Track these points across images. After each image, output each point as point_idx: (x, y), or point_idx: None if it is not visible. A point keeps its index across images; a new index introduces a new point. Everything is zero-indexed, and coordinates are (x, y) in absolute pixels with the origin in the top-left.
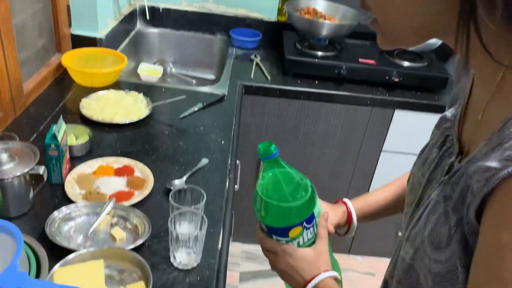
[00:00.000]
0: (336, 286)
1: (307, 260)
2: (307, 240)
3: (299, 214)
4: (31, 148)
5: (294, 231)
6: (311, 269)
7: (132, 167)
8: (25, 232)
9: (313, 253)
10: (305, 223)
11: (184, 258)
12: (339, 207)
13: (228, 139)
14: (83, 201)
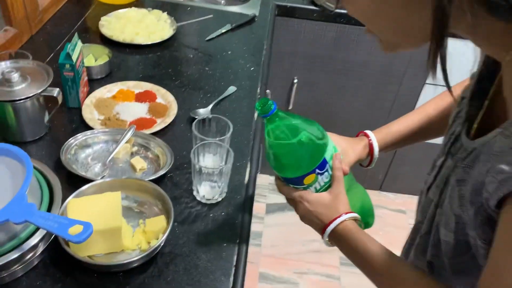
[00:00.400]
0: (356, 227)
1: (324, 203)
2: (324, 184)
3: (309, 163)
4: (44, 68)
5: (308, 179)
6: (329, 212)
7: (154, 93)
8: (41, 158)
9: (329, 197)
10: (317, 170)
11: (207, 192)
12: (360, 141)
13: (257, 65)
14: (101, 127)
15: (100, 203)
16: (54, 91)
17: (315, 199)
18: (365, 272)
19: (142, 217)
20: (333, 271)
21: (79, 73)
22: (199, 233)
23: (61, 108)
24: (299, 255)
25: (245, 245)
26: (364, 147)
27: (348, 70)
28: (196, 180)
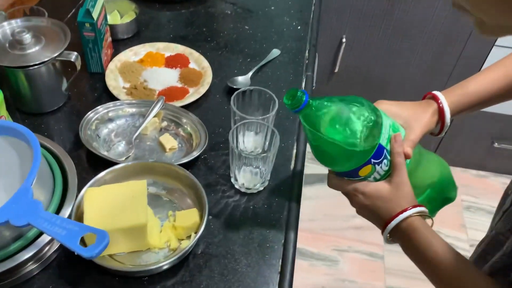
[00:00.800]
0: (424, 224)
1: (383, 196)
2: (384, 173)
3: (361, 153)
4: (60, 27)
5: (363, 170)
6: (389, 206)
7: (187, 57)
8: (59, 133)
9: (388, 188)
10: (373, 160)
11: (248, 180)
12: (426, 106)
13: (305, 24)
14: (127, 97)
15: (123, 193)
16: (72, 55)
17: (372, 191)
18: (430, 278)
19: (172, 207)
20: (376, 249)
21: (101, 33)
22: (237, 230)
23: (82, 73)
24: (339, 231)
25: (292, 247)
26: (433, 114)
27: (404, 29)
28: (235, 165)
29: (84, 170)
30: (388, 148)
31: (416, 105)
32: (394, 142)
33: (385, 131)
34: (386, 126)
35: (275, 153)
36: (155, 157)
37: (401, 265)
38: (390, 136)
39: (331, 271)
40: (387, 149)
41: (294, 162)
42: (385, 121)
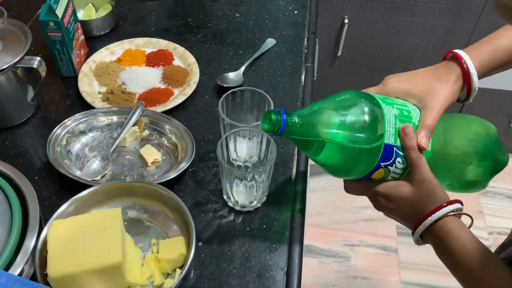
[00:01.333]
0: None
1: (406, 198)
2: (401, 171)
3: (366, 161)
4: (20, 28)
5: (376, 175)
6: (415, 209)
7: (170, 53)
8: (28, 149)
9: (410, 189)
10: (382, 164)
11: (242, 196)
12: (447, 73)
13: (303, 7)
14: (102, 104)
15: (93, 225)
16: (34, 61)
17: (393, 194)
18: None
19: (156, 234)
20: (389, 242)
21: (69, 32)
22: (232, 258)
23: (53, 78)
24: (349, 225)
25: (297, 277)
26: (454, 82)
27: (411, 5)
28: (225, 181)
29: (55, 193)
30: (399, 144)
31: (432, 74)
32: (403, 137)
33: (389, 127)
34: (390, 119)
35: (272, 164)
36: (136, 173)
37: (416, 258)
38: (398, 130)
39: (343, 268)
40: (397, 146)
41: (296, 170)
42: (387, 114)
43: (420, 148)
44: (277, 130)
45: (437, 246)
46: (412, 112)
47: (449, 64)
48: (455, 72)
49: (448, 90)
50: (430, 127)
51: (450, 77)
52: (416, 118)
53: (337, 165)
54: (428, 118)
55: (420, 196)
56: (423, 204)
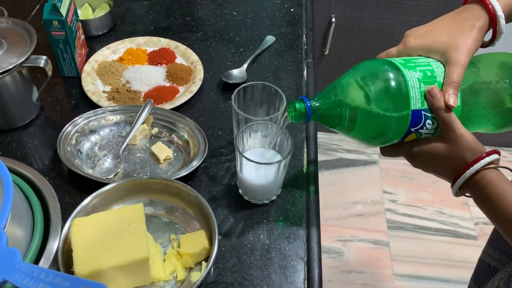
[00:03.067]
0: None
1: (442, 155)
2: (434, 131)
3: (395, 129)
4: (24, 27)
5: (409, 139)
6: (451, 164)
7: (172, 51)
8: (34, 151)
9: (444, 146)
10: (412, 129)
11: (258, 191)
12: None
13: (299, 5)
14: (108, 103)
15: (116, 222)
16: (41, 60)
17: (428, 152)
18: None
19: (174, 230)
20: (381, 236)
21: (72, 31)
22: (252, 250)
23: (55, 79)
24: (341, 220)
25: (317, 266)
26: (479, 30)
27: (396, 3)
28: (242, 175)
29: (68, 193)
30: (427, 107)
31: (452, 24)
32: (430, 99)
33: (414, 93)
34: (414, 84)
35: (289, 159)
36: (148, 170)
37: (408, 251)
38: (423, 93)
39: (336, 263)
40: (425, 109)
41: (307, 162)
42: (411, 79)
43: (449, 107)
44: (304, 117)
45: (477, 197)
46: (436, 71)
47: (472, 8)
48: (480, 17)
49: (472, 39)
50: (456, 83)
51: (474, 23)
52: (441, 76)
53: (367, 137)
54: (453, 74)
55: (456, 152)
56: (460, 158)
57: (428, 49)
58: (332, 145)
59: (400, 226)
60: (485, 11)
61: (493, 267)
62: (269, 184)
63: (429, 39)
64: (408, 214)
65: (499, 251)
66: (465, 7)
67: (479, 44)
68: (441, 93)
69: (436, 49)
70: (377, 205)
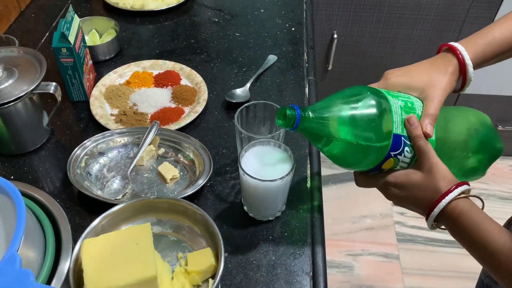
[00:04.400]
0: (470, 206)
1: (417, 185)
2: (410, 160)
3: (376, 152)
4: (34, 55)
5: (386, 164)
6: (426, 194)
7: (177, 73)
8: (45, 174)
9: (420, 175)
10: (392, 153)
11: (261, 207)
12: (445, 64)
13: (299, 25)
14: (116, 125)
15: (125, 241)
16: (51, 87)
17: (404, 182)
18: (483, 263)
19: (181, 248)
20: (391, 249)
21: (80, 57)
22: (258, 266)
23: (64, 103)
24: (350, 234)
25: (322, 281)
26: (452, 73)
27: (398, 17)
28: (247, 192)
29: (78, 214)
30: (406, 134)
31: (430, 66)
32: (409, 127)
33: (396, 118)
34: (397, 110)
35: (291, 175)
36: (155, 190)
37: (418, 263)
38: (403, 120)
39: (347, 278)
40: (404, 136)
41: (310, 178)
42: (394, 106)
43: (426, 136)
44: (292, 124)
45: (452, 227)
46: (415, 104)
47: (445, 55)
48: (452, 63)
49: (447, 80)
50: (433, 116)
51: (448, 69)
52: (419, 109)
53: (349, 157)
54: (431, 107)
55: (430, 181)
56: (434, 188)
57: (408, 86)
58: None
59: (410, 238)
60: (456, 59)
61: (486, 284)
62: (273, 199)
63: (409, 78)
64: (417, 226)
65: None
66: (440, 55)
67: (452, 86)
68: (419, 123)
69: (415, 86)
70: (386, 218)
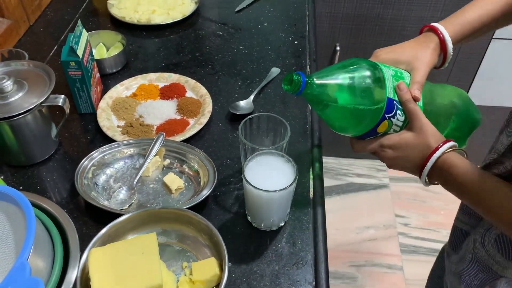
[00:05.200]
0: (458, 158)
1: (409, 144)
2: (402, 123)
3: (372, 114)
4: (43, 69)
5: (381, 127)
6: (418, 151)
7: (183, 85)
8: (53, 185)
9: (412, 134)
10: (386, 115)
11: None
12: (427, 41)
13: (302, 37)
14: (123, 137)
15: (131, 251)
16: (59, 99)
17: (397, 142)
18: (477, 209)
19: (186, 257)
20: (394, 260)
21: (88, 70)
22: (262, 276)
23: (71, 115)
24: (354, 246)
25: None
26: (434, 49)
27: (400, 29)
28: (251, 203)
29: (85, 224)
30: (397, 99)
31: (415, 44)
32: (399, 91)
33: (389, 84)
34: (389, 78)
35: (294, 185)
36: (161, 200)
37: (422, 274)
38: (395, 87)
39: None
40: (396, 100)
41: (313, 188)
42: (386, 73)
43: (414, 99)
44: (298, 89)
45: (445, 180)
46: (404, 74)
47: (427, 35)
48: (433, 41)
49: (430, 55)
50: (420, 83)
51: (430, 45)
52: (408, 79)
53: (348, 121)
54: (417, 76)
55: (421, 139)
56: (425, 145)
57: (396, 60)
58: (342, 170)
59: (413, 249)
60: (437, 37)
61: (465, 231)
62: (276, 209)
63: (397, 54)
64: (421, 237)
65: (469, 216)
66: (423, 34)
67: (435, 61)
68: (408, 89)
69: (403, 60)
70: (389, 229)
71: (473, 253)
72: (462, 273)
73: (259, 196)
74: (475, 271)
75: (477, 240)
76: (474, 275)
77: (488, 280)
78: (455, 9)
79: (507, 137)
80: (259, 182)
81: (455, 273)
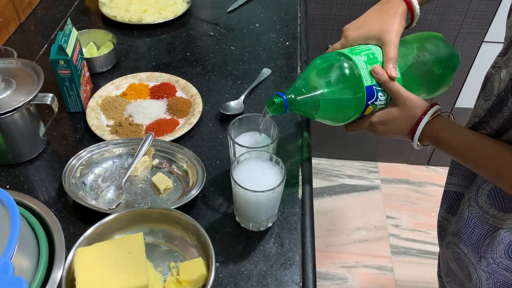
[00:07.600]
0: (444, 122)
1: (396, 117)
2: (385, 101)
3: (355, 105)
4: (32, 67)
5: (367, 112)
6: (406, 123)
7: (173, 85)
8: (41, 184)
9: (397, 109)
10: (368, 102)
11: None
12: (393, 8)
13: (293, 38)
14: (112, 136)
15: (117, 251)
16: (47, 98)
17: (385, 118)
18: (469, 165)
19: (173, 257)
20: (384, 261)
21: (77, 69)
22: (249, 276)
23: (60, 114)
24: (345, 247)
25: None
26: (401, 15)
27: None
28: (239, 203)
29: (72, 224)
30: (375, 82)
31: (380, 13)
32: (376, 76)
33: (364, 73)
34: (362, 66)
35: (282, 186)
36: (149, 200)
37: (412, 276)
38: (370, 71)
39: None
40: (375, 85)
41: (302, 189)
42: (359, 63)
43: (391, 78)
44: (283, 110)
45: (435, 142)
46: (376, 53)
47: (395, 2)
48: (399, 5)
49: (397, 23)
50: (393, 59)
51: (397, 11)
52: (380, 56)
53: (335, 116)
54: (390, 52)
55: (407, 111)
56: (412, 116)
57: (366, 37)
58: (334, 171)
59: (404, 251)
60: (402, 0)
61: (459, 192)
62: (264, 210)
63: (365, 29)
64: (412, 239)
65: (461, 177)
66: (391, 2)
67: (403, 26)
68: (383, 70)
69: (372, 36)
70: (380, 230)
71: (468, 211)
72: (460, 231)
73: (247, 197)
74: (472, 228)
75: (472, 198)
76: (471, 232)
77: (486, 233)
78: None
79: (484, 101)
80: (248, 183)
81: (454, 232)
